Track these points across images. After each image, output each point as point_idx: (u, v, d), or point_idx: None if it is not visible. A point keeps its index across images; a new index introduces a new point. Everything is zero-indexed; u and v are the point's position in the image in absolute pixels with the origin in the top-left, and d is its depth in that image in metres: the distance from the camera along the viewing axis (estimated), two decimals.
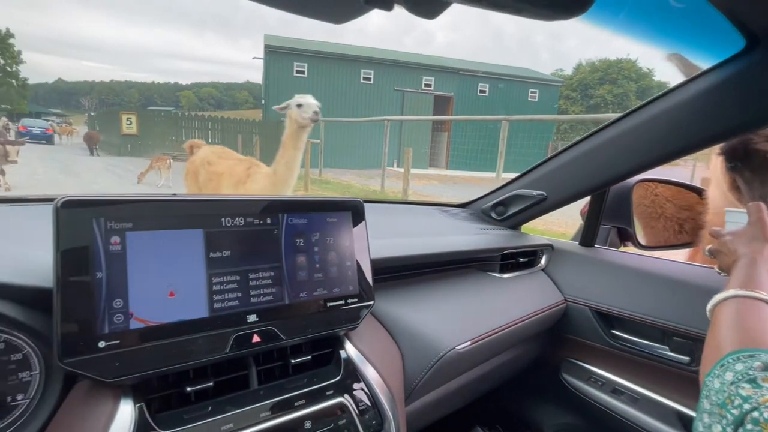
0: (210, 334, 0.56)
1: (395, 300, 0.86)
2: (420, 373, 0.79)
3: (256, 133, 15.78)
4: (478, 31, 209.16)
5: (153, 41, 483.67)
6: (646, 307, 1.01)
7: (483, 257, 1.09)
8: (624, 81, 34.27)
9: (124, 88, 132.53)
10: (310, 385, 0.64)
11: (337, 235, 0.70)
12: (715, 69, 0.78)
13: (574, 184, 1.06)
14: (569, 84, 36.09)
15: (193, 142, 4.32)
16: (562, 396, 1.19)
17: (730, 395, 0.45)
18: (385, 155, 10.08)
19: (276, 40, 17.69)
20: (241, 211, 0.61)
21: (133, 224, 0.52)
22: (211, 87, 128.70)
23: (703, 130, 0.81)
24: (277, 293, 0.63)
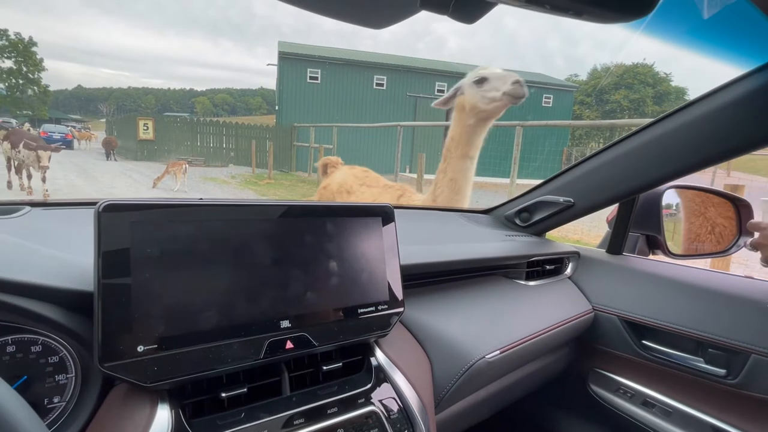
0: (245, 339, 0.55)
1: (422, 307, 0.85)
2: (449, 381, 0.77)
3: (269, 138, 15.95)
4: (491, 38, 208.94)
5: (169, 48, 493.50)
6: (678, 317, 0.98)
7: (509, 264, 1.07)
8: (640, 86, 33.82)
9: (141, 94, 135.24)
10: (342, 392, 0.63)
11: (368, 240, 0.69)
12: (754, 73, 0.76)
13: (603, 191, 1.04)
14: (584, 89, 35.75)
15: (328, 160, 3.41)
16: (589, 407, 1.16)
17: None
18: (398, 160, 10.08)
19: (290, 47, 17.89)
20: (274, 215, 0.61)
21: (170, 229, 0.52)
22: (226, 93, 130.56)
23: (738, 138, 0.79)
24: (310, 299, 0.62)
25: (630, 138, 0.96)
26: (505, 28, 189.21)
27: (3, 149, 8.64)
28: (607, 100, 34.57)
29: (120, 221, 0.49)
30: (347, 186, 2.85)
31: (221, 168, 15.26)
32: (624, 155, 0.98)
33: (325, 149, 11.48)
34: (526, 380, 1.05)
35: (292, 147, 16.14)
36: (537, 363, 1.07)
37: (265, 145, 15.18)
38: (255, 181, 12.28)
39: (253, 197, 9.94)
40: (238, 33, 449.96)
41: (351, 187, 2.83)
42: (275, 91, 19.60)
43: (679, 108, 0.88)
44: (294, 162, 16.08)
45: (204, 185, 11.21)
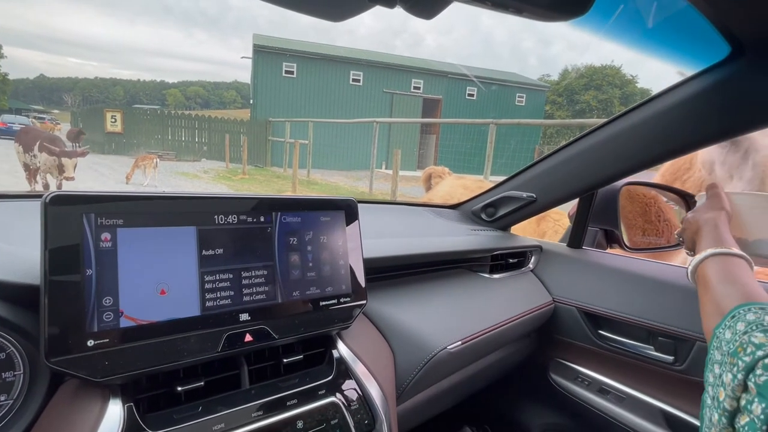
0: (202, 332, 0.55)
1: (387, 300, 0.87)
2: (411, 372, 0.79)
3: (244, 132, 15.66)
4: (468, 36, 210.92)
5: (140, 38, 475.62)
6: (631, 308, 1.02)
7: (473, 258, 1.10)
8: (608, 87, 34.96)
9: (109, 85, 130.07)
10: (302, 384, 0.63)
11: (331, 234, 0.70)
12: (700, 75, 0.80)
13: (563, 187, 1.07)
14: (555, 89, 36.67)
15: (432, 170, 2.99)
16: (550, 395, 1.21)
17: (742, 344, 0.47)
18: (374, 157, 10.08)
19: (265, 40, 17.56)
20: (235, 209, 0.60)
21: (124, 221, 0.51)
22: (199, 86, 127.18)
23: (688, 135, 0.83)
24: (270, 292, 0.62)
25: (587, 136, 1.00)
26: (482, 27, 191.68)
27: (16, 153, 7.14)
28: (578, 100, 35.62)
29: (68, 213, 0.47)
30: (454, 200, 2.50)
31: (193, 162, 14.89)
32: (582, 153, 1.01)
33: (301, 144, 11.36)
34: (489, 370, 1.08)
35: (267, 142, 15.91)
36: (499, 353, 1.10)
37: (239, 139, 14.90)
38: (228, 176, 12.04)
39: (226, 191, 9.74)
40: (213, 24, 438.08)
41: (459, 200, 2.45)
42: (250, 85, 19.24)
43: (631, 108, 0.93)
44: (269, 157, 15.85)
45: (175, 180, 10.93)
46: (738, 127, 0.80)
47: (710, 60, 0.81)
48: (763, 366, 0.43)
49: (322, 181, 12.21)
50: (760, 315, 0.49)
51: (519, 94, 20.79)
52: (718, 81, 0.76)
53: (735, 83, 0.75)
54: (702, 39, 0.81)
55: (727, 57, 0.74)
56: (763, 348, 0.44)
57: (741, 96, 0.75)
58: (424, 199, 2.90)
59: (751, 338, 0.46)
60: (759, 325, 0.48)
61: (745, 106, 0.75)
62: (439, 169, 3.11)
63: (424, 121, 16.61)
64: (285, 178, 12.30)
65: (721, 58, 0.76)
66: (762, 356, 0.44)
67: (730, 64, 0.75)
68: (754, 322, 0.49)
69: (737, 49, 0.72)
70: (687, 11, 0.71)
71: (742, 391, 0.44)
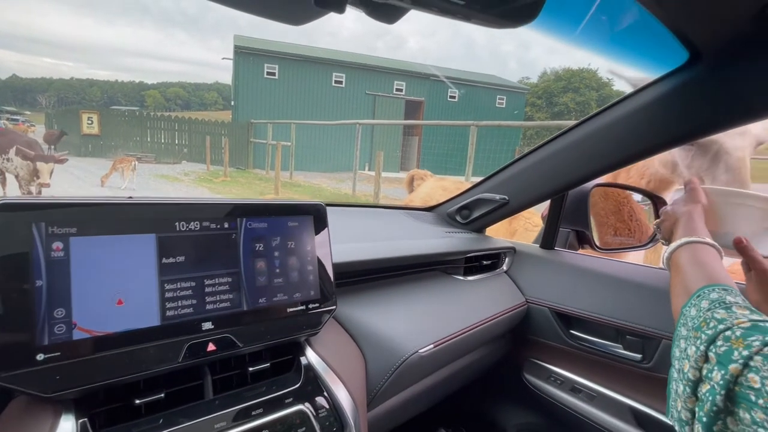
0: (161, 343, 0.54)
1: (359, 304, 0.86)
2: (383, 377, 0.78)
3: (225, 134, 15.43)
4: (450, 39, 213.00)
5: (117, 38, 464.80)
6: (601, 307, 1.04)
7: (447, 260, 1.10)
8: (585, 90, 35.77)
9: (86, 86, 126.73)
10: (269, 393, 0.63)
11: (299, 239, 0.69)
12: (662, 80, 0.82)
13: (535, 189, 1.09)
14: (535, 92, 37.35)
15: (415, 173, 3.12)
16: (524, 396, 1.22)
17: (705, 319, 0.50)
18: (357, 158, 10.07)
19: (246, 41, 17.37)
20: (197, 215, 0.59)
21: (78, 229, 0.50)
22: (179, 87, 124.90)
23: (651, 138, 0.85)
24: (235, 299, 0.61)
25: (556, 140, 1.02)
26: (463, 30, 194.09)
27: None
28: (556, 102, 36.39)
29: (16, 221, 0.46)
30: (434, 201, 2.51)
31: (173, 165, 14.61)
32: (551, 156, 1.03)
33: (283, 146, 11.27)
34: (463, 371, 1.09)
35: (249, 144, 15.73)
36: (474, 354, 1.10)
37: (220, 141, 14.68)
38: (210, 178, 11.86)
39: (207, 195, 9.60)
40: (193, 24, 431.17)
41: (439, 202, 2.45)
42: (231, 86, 19.00)
43: (598, 111, 0.94)
44: (251, 159, 15.67)
45: (154, 183, 10.71)
46: (698, 131, 0.82)
47: (672, 65, 0.84)
48: (723, 338, 0.46)
49: (305, 183, 12.12)
50: (722, 294, 0.53)
51: (499, 97, 21.04)
52: (678, 86, 0.79)
53: (693, 88, 0.77)
54: (664, 45, 0.83)
55: (686, 63, 0.77)
56: (723, 322, 0.48)
57: (700, 100, 0.77)
58: (406, 201, 2.97)
59: (714, 314, 0.50)
60: (721, 303, 0.52)
61: (703, 109, 0.78)
62: (422, 172, 3.22)
63: (406, 123, 16.67)
64: (267, 180, 12.18)
65: (680, 64, 0.78)
66: (723, 329, 0.47)
67: (688, 69, 0.77)
68: (717, 300, 0.53)
69: (695, 54, 0.74)
70: (651, 19, 0.73)
71: (704, 362, 0.47)
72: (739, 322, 0.47)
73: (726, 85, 0.72)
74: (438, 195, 2.59)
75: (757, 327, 0.45)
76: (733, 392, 0.43)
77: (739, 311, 0.49)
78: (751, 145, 1.10)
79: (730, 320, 0.48)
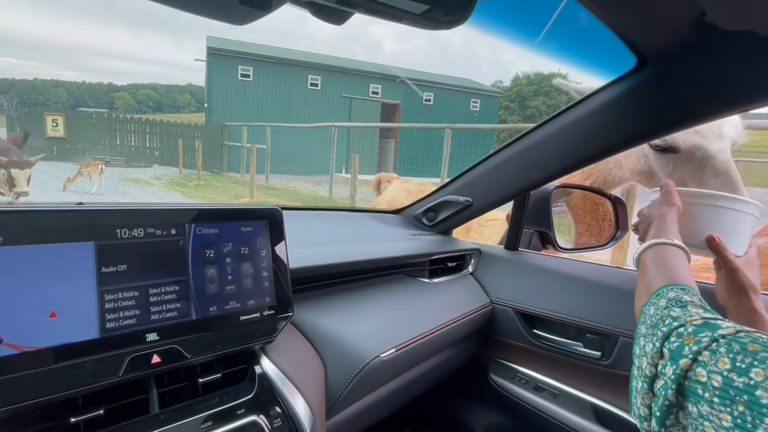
0: (100, 356, 0.51)
1: (320, 310, 0.85)
2: (343, 384, 0.77)
3: (198, 137, 15.10)
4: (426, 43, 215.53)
5: (85, 38, 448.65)
6: (563, 307, 1.06)
7: (412, 263, 1.10)
8: (556, 93, 36.79)
9: (51, 87, 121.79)
10: (220, 404, 0.61)
11: (252, 245, 0.67)
12: (613, 84, 0.85)
13: (497, 190, 1.10)
14: (507, 95, 38.19)
15: (382, 176, 3.22)
16: (490, 396, 1.23)
17: (662, 317, 0.52)
18: (333, 161, 10.03)
19: (219, 42, 17.06)
20: (141, 221, 0.57)
21: (4, 239, 0.47)
22: (150, 88, 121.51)
23: (604, 140, 0.88)
24: (183, 309, 0.59)
25: (518, 141, 1.03)
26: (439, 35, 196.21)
27: None
28: (528, 105, 37.36)
29: None
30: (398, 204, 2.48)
31: (145, 168, 14.20)
32: (512, 157, 1.04)
33: (258, 149, 11.11)
34: (429, 374, 1.09)
35: (224, 147, 15.44)
36: (440, 356, 1.10)
37: (193, 144, 14.36)
38: (182, 182, 11.58)
39: (179, 199, 9.36)
40: (165, 25, 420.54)
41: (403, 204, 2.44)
42: (204, 88, 18.62)
43: (555, 114, 0.96)
44: (225, 162, 15.39)
45: (124, 187, 10.40)
46: (648, 133, 0.85)
47: (621, 70, 0.86)
48: (676, 334, 0.48)
49: (281, 186, 11.98)
50: (680, 293, 0.55)
51: (474, 100, 21.36)
52: (627, 90, 0.81)
53: (641, 92, 0.79)
54: (616, 51, 0.86)
55: (634, 68, 0.79)
56: (678, 320, 0.49)
57: (647, 104, 0.79)
58: (373, 204, 2.99)
59: (670, 312, 0.52)
60: (678, 302, 0.53)
61: (651, 113, 0.80)
62: (388, 175, 3.29)
63: (382, 125, 16.72)
64: (242, 183, 11.98)
65: (629, 69, 0.80)
66: (677, 326, 0.49)
67: (636, 74, 0.79)
68: (674, 299, 0.54)
69: (642, 60, 0.76)
70: (599, 26, 0.75)
71: (659, 358, 0.49)
72: (692, 320, 0.48)
73: (670, 89, 0.75)
74: (402, 198, 2.68)
75: (708, 324, 0.47)
76: (683, 387, 0.44)
77: (693, 309, 0.51)
78: (729, 146, 1.12)
79: (684, 318, 0.49)
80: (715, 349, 0.43)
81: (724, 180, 1.05)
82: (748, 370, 0.39)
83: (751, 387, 0.38)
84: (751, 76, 0.68)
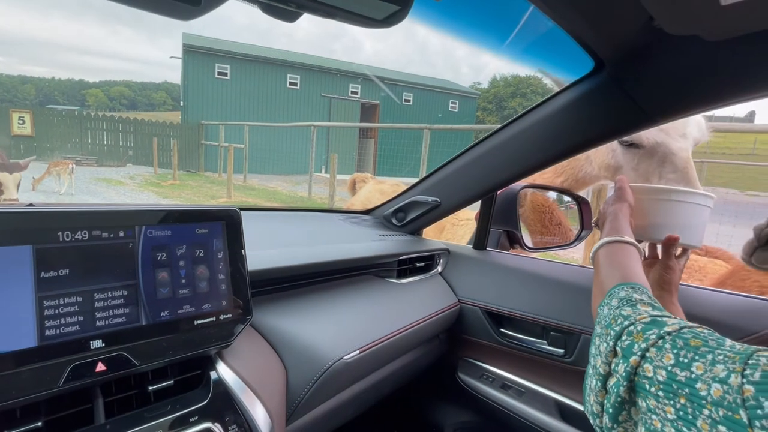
0: (37, 366, 0.49)
1: (283, 313, 0.83)
2: (305, 388, 0.76)
3: (174, 136, 14.77)
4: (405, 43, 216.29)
5: (55, 33, 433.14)
6: (528, 305, 1.08)
7: (380, 264, 1.10)
8: (532, 95, 37.58)
9: (17, 83, 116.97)
10: (172, 412, 0.59)
11: (208, 247, 0.66)
12: (572, 86, 0.86)
13: (464, 190, 1.11)
14: (485, 97, 38.78)
15: (357, 176, 3.26)
16: (459, 395, 1.23)
17: (614, 317, 0.53)
18: (312, 161, 9.95)
19: (196, 40, 16.71)
20: (86, 223, 0.55)
21: None
22: (124, 86, 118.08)
23: (565, 141, 0.89)
24: (132, 314, 0.57)
25: (483, 142, 1.04)
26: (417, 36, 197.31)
27: None
28: (505, 106, 38.09)
29: None
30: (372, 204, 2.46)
31: (117, 168, 13.81)
32: (479, 157, 1.05)
33: (236, 148, 10.94)
34: (397, 374, 1.09)
35: (200, 146, 15.14)
36: (408, 357, 1.10)
37: (169, 143, 14.03)
38: (157, 182, 11.30)
39: (153, 199, 9.13)
40: (139, 21, 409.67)
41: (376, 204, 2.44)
42: (180, 86, 18.21)
43: (519, 115, 0.98)
44: (202, 161, 15.10)
45: (95, 187, 10.08)
46: (606, 134, 0.87)
47: (581, 72, 0.88)
48: (627, 333, 0.49)
49: (259, 186, 11.82)
50: (630, 293, 0.57)
51: (452, 101, 21.56)
52: (585, 92, 0.82)
53: (598, 94, 0.81)
54: (573, 54, 0.87)
55: (591, 71, 0.80)
56: (629, 319, 0.51)
57: (604, 106, 0.81)
58: (348, 205, 3.00)
59: (621, 312, 0.53)
60: (628, 301, 0.55)
61: (608, 115, 0.82)
62: (363, 175, 3.35)
63: (361, 125, 16.69)
64: (220, 183, 11.77)
65: (587, 72, 0.82)
66: (627, 325, 0.50)
67: (593, 77, 0.81)
68: (625, 298, 0.56)
69: (598, 63, 0.78)
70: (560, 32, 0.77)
71: (613, 356, 0.50)
72: (641, 318, 0.50)
73: (625, 91, 0.76)
74: (376, 198, 2.69)
75: (656, 322, 0.48)
76: (633, 383, 0.46)
77: (642, 308, 0.52)
78: (691, 145, 1.17)
79: (633, 316, 0.51)
80: (661, 346, 0.44)
81: (681, 175, 1.12)
82: (689, 364, 0.40)
83: (692, 380, 0.39)
84: (702, 79, 0.70)
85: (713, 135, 1.28)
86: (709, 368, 0.38)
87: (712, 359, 0.39)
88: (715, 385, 0.37)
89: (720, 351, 0.40)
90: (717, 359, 0.39)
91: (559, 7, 0.61)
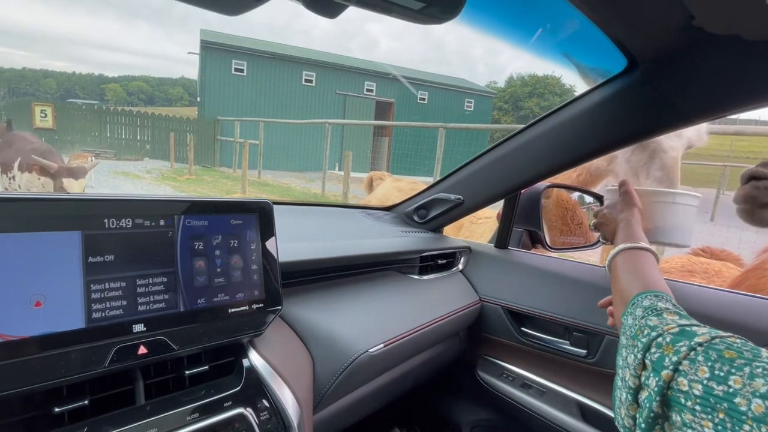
0: (85, 347, 0.51)
1: (309, 304, 0.85)
2: (331, 378, 0.78)
3: (190, 131, 14.96)
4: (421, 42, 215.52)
5: (76, 28, 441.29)
6: (550, 305, 1.07)
7: (402, 259, 1.11)
8: (550, 95, 37.11)
9: (40, 77, 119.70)
10: (207, 397, 0.60)
11: (242, 238, 0.67)
12: (603, 85, 0.86)
13: (488, 189, 1.11)
14: (502, 96, 38.45)
15: (374, 174, 3.34)
16: (477, 393, 1.24)
17: (640, 327, 0.52)
18: (326, 158, 9.99)
19: (214, 36, 16.91)
20: (129, 212, 0.57)
21: None
22: (142, 81, 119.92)
23: (595, 141, 0.89)
24: (171, 300, 0.59)
25: (509, 140, 1.04)
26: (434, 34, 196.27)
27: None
28: (522, 106, 37.68)
29: None
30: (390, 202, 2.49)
31: (135, 162, 14.04)
32: (503, 156, 1.05)
33: (252, 145, 11.04)
34: (417, 370, 1.09)
35: (216, 141, 15.31)
36: (428, 353, 1.11)
37: (185, 138, 14.22)
38: (174, 176, 11.47)
39: (170, 193, 9.27)
40: (158, 17, 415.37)
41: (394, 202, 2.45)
42: (197, 82, 18.43)
43: (546, 114, 0.97)
44: (218, 157, 15.27)
45: (114, 180, 10.28)
46: (637, 135, 0.86)
47: (615, 69, 0.87)
48: (656, 344, 0.48)
49: (273, 183, 11.92)
50: (654, 301, 0.56)
51: (468, 100, 21.43)
52: (617, 91, 0.82)
53: (631, 94, 0.80)
54: (608, 53, 0.87)
55: (624, 69, 0.80)
56: (656, 329, 0.50)
57: (637, 105, 0.80)
58: (365, 202, 3.03)
59: (647, 322, 0.52)
60: (653, 310, 0.54)
61: (640, 115, 0.81)
62: (380, 173, 3.41)
63: (376, 123, 16.69)
64: (234, 179, 11.90)
65: (620, 70, 0.81)
66: (655, 336, 0.49)
67: (626, 76, 0.80)
68: (649, 307, 0.55)
69: (632, 62, 0.77)
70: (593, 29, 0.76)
71: (642, 369, 0.49)
72: (669, 328, 0.49)
73: (659, 91, 0.76)
74: (393, 196, 2.70)
75: (685, 332, 0.47)
76: (666, 397, 0.45)
77: (669, 317, 0.51)
78: (683, 146, 1.17)
79: (661, 327, 0.50)
80: (693, 358, 0.44)
81: (666, 174, 1.12)
82: (726, 378, 0.40)
83: (730, 395, 0.38)
84: (739, 80, 0.69)
85: (740, 139, 1.27)
86: (748, 382, 0.38)
87: (750, 372, 0.39)
88: (756, 401, 0.36)
89: (758, 363, 0.39)
90: (755, 372, 0.38)
91: (598, 6, 0.61)
